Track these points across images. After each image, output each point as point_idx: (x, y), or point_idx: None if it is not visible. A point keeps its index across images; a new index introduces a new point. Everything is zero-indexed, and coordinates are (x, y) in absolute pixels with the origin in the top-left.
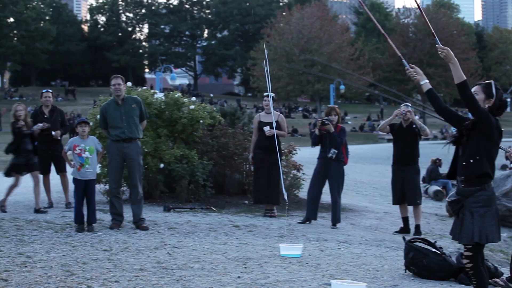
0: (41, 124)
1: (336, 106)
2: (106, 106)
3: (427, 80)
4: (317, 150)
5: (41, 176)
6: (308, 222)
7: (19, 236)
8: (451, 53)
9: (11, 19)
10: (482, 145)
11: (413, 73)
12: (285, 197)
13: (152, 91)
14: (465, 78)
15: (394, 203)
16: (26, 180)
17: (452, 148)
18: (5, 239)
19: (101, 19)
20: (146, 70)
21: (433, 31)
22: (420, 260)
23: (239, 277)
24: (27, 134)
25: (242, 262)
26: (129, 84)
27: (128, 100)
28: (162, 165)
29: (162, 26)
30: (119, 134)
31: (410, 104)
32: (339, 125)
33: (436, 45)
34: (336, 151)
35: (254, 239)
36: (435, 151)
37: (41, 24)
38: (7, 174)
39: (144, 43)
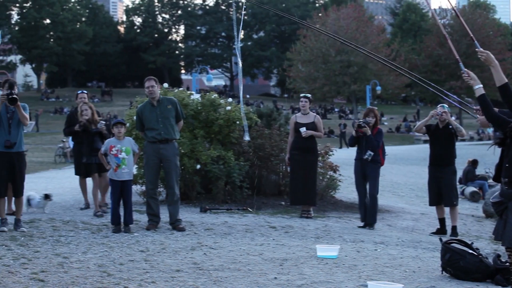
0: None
1: (375, 108)
2: (142, 108)
3: (481, 85)
4: (353, 151)
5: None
6: (369, 228)
7: (56, 237)
8: (491, 56)
9: (48, 21)
10: None
11: (467, 77)
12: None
13: (189, 92)
14: (506, 80)
15: (431, 204)
16: (62, 180)
17: (498, 151)
18: (42, 240)
19: (137, 20)
20: (182, 71)
21: (472, 35)
22: (456, 261)
23: (275, 278)
24: (96, 133)
25: (279, 263)
26: (166, 85)
27: (163, 101)
28: (198, 166)
29: (198, 27)
30: (155, 136)
31: (446, 105)
32: (376, 127)
33: (476, 49)
34: (372, 153)
35: (290, 240)
36: (471, 152)
37: (78, 26)
38: (86, 174)
39: (180, 44)
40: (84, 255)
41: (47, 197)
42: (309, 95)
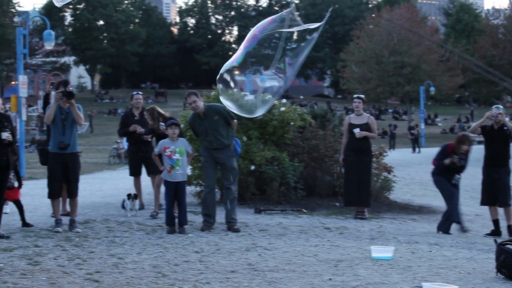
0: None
1: (470, 135)
2: (192, 120)
3: None
4: (406, 152)
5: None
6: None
7: (111, 238)
8: None
9: (101, 22)
10: None
11: None
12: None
13: (243, 93)
14: None
15: (482, 203)
16: (116, 181)
17: None
18: (96, 241)
19: (191, 21)
20: (236, 72)
21: None
22: (511, 262)
23: (330, 279)
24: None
25: (333, 264)
26: (220, 86)
27: (209, 112)
28: (253, 167)
29: (252, 28)
30: (208, 146)
31: (501, 106)
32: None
33: None
34: (459, 177)
35: (345, 241)
36: None
37: (131, 27)
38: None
39: (233, 45)
40: (139, 256)
41: (129, 196)
42: (362, 96)
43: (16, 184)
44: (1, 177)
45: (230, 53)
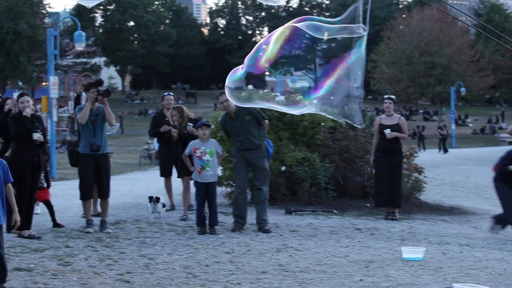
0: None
1: None
2: (223, 121)
3: None
4: (436, 152)
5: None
6: None
7: (142, 238)
8: None
9: (131, 23)
10: None
11: None
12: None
13: (273, 94)
14: None
15: None
16: (147, 182)
17: None
18: (127, 241)
19: (221, 22)
20: (267, 72)
21: None
22: None
23: (361, 280)
24: (188, 137)
25: (364, 265)
26: (250, 87)
27: (241, 112)
28: (283, 168)
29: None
30: (239, 146)
31: None
32: None
33: None
34: None
35: (376, 242)
36: None
37: (161, 28)
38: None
39: (264, 46)
40: (169, 257)
41: (151, 199)
42: (393, 97)
43: (45, 185)
44: (32, 178)
45: (261, 53)
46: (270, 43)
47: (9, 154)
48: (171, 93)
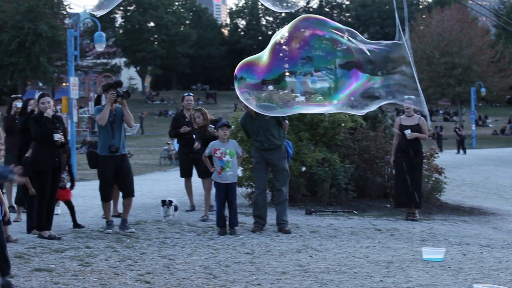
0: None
1: None
2: (243, 120)
3: None
4: (455, 153)
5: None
6: None
7: (162, 239)
8: None
9: (152, 24)
10: None
11: None
12: None
13: (294, 94)
14: None
15: None
16: (167, 182)
17: None
18: (147, 242)
19: (241, 23)
20: (287, 73)
21: None
22: None
23: (381, 280)
24: (211, 138)
25: (385, 265)
26: (270, 87)
27: None
28: (304, 169)
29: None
30: (259, 146)
31: None
32: None
33: None
34: None
35: (396, 243)
36: None
37: (182, 28)
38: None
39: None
40: (189, 257)
41: (164, 203)
42: (413, 97)
43: (68, 185)
44: (53, 178)
45: (281, 54)
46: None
47: (30, 154)
48: (191, 94)
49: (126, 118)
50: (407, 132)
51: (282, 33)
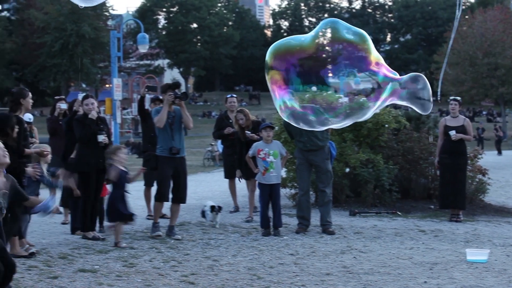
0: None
1: None
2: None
3: None
4: (493, 154)
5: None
6: None
7: (206, 240)
8: None
9: (195, 25)
10: None
11: None
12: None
13: (337, 95)
14: None
15: None
16: (211, 183)
17: None
18: (191, 243)
19: (284, 24)
20: (330, 74)
21: None
22: None
23: (425, 282)
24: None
25: (429, 267)
26: (314, 88)
27: None
28: (347, 170)
29: None
30: (302, 147)
31: None
32: None
33: None
34: None
35: (440, 244)
36: None
37: (224, 30)
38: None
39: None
40: (234, 258)
41: (213, 209)
42: (459, 98)
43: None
44: (97, 179)
45: (323, 55)
46: None
47: (74, 156)
48: (234, 95)
49: (185, 120)
50: (452, 133)
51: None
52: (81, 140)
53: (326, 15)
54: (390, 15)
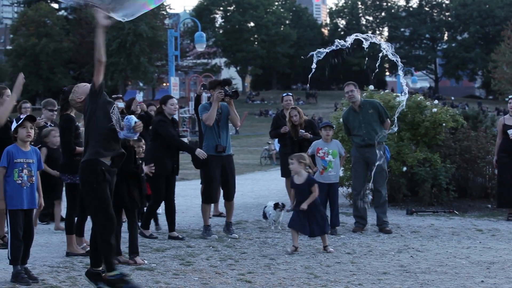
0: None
1: None
2: (346, 114)
3: None
4: None
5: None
6: None
7: (263, 239)
8: None
9: (252, 24)
10: None
11: None
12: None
13: (394, 94)
14: None
15: None
16: (268, 182)
17: None
18: (248, 241)
19: (341, 22)
20: (387, 73)
21: None
22: None
23: (482, 281)
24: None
25: (486, 266)
26: (371, 87)
27: (365, 105)
28: (405, 169)
29: (402, 29)
30: (360, 142)
31: None
32: None
33: None
34: None
35: (497, 243)
36: None
37: (281, 28)
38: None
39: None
40: (290, 257)
41: (277, 206)
42: None
43: None
44: (169, 180)
45: (381, 54)
46: None
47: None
48: (290, 94)
49: (232, 118)
50: (510, 131)
51: None
52: (170, 140)
53: (383, 14)
54: (447, 13)
